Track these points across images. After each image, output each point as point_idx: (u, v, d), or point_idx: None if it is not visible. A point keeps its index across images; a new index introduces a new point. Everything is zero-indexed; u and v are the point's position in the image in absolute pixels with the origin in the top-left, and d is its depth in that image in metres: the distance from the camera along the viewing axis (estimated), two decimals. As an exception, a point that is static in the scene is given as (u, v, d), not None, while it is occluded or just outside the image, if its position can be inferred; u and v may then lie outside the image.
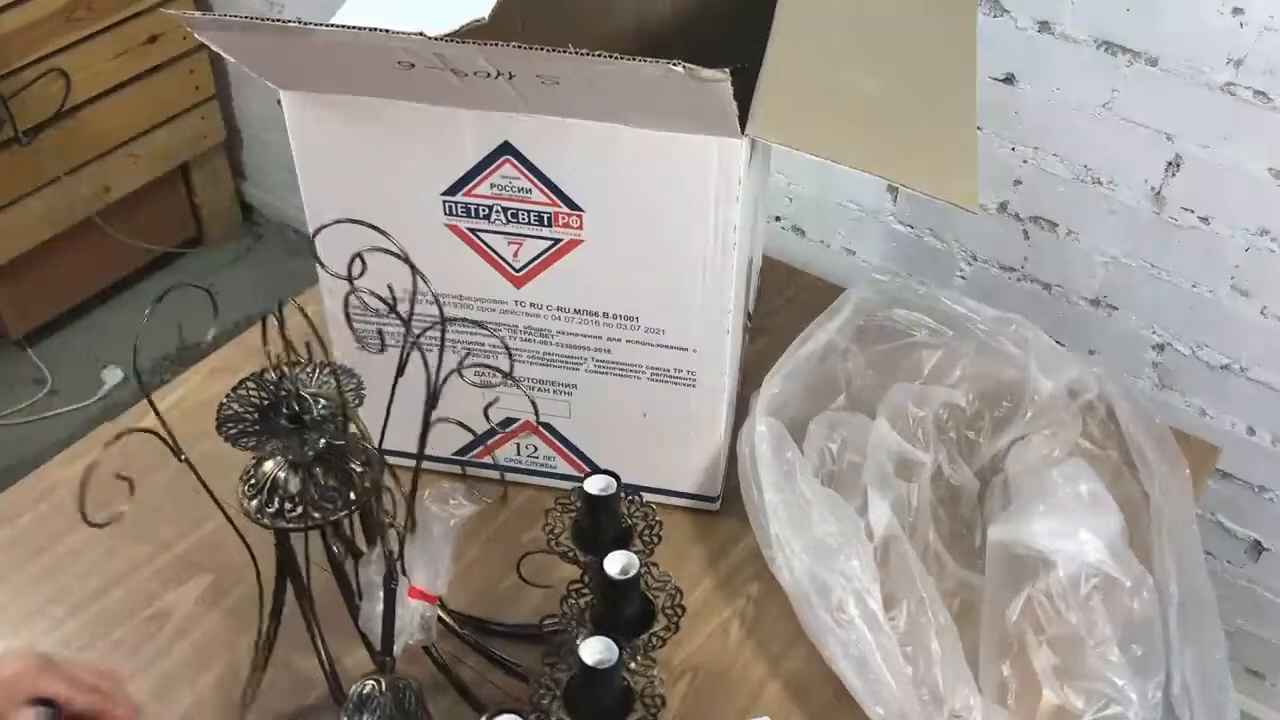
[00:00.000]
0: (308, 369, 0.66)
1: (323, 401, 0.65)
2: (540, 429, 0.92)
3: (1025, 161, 1.32)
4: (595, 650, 0.66)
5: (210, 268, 2.30)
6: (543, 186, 0.78)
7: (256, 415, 0.64)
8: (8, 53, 1.83)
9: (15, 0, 1.81)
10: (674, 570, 0.90)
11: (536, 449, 0.93)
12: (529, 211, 0.79)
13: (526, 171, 0.77)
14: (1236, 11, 1.12)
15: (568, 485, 0.94)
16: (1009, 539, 0.84)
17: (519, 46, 0.66)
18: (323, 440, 0.65)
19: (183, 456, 0.64)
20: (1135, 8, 1.17)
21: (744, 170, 0.75)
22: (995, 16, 1.26)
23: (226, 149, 2.30)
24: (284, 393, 0.64)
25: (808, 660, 0.83)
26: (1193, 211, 1.25)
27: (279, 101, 0.78)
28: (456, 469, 0.91)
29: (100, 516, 0.59)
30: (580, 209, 0.79)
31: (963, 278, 1.45)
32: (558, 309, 0.84)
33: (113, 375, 2.08)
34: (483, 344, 0.86)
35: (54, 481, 0.96)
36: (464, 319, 0.85)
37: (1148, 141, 1.23)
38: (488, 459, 0.94)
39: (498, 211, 0.80)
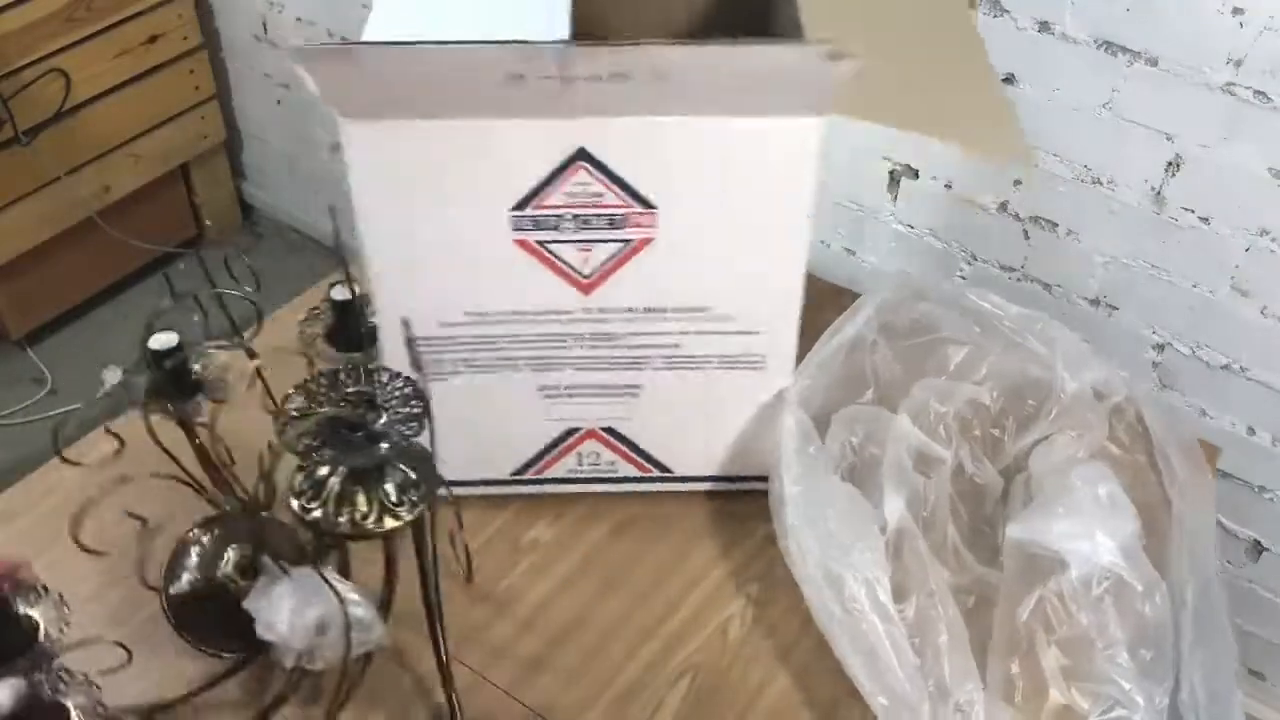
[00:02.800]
0: (379, 378, 0.66)
1: (391, 412, 0.64)
2: (602, 434, 0.90)
3: (1025, 161, 1.32)
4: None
5: (210, 267, 2.29)
6: (616, 188, 0.76)
7: (327, 418, 0.64)
8: (8, 53, 1.83)
9: (15, 0, 1.81)
10: (681, 563, 0.90)
11: (599, 455, 0.91)
12: (600, 215, 0.78)
13: (601, 176, 0.76)
14: (1236, 11, 1.12)
15: (629, 489, 0.93)
16: (1026, 538, 0.83)
17: (635, 43, 0.66)
18: (385, 448, 0.64)
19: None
20: (1135, 8, 1.17)
21: (819, 148, 0.75)
22: (995, 16, 1.26)
23: (226, 149, 2.30)
24: (358, 395, 0.64)
25: (813, 657, 0.83)
26: (1193, 211, 1.25)
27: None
28: (516, 490, 0.91)
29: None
30: (653, 206, 0.77)
31: (963, 278, 1.45)
32: (626, 310, 0.82)
33: (113, 375, 2.08)
34: (544, 358, 0.84)
35: (54, 481, 0.96)
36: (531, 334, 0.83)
37: (1148, 141, 1.23)
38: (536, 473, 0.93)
39: (568, 220, 0.78)
